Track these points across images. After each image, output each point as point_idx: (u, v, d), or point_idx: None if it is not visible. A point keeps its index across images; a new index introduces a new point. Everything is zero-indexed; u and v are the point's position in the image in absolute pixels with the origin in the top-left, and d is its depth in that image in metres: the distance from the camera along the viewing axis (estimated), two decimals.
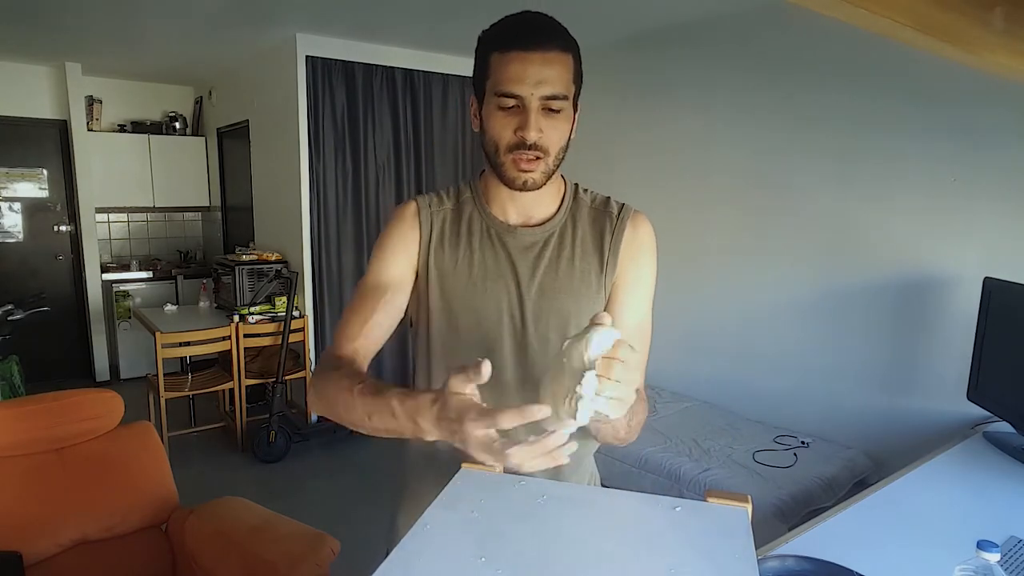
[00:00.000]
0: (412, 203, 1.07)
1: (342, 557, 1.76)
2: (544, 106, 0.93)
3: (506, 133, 0.95)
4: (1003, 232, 2.45)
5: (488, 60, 0.96)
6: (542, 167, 0.97)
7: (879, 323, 2.82)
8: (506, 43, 0.93)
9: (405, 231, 1.05)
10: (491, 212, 1.06)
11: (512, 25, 0.95)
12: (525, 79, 0.91)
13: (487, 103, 0.96)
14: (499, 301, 1.02)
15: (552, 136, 0.95)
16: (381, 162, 4.18)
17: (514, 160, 0.95)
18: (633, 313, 1.05)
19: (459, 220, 1.06)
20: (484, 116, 0.98)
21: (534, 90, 0.92)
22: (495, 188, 1.04)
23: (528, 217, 1.06)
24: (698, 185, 3.52)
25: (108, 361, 5.13)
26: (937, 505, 1.55)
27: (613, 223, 1.06)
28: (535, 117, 0.93)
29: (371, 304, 1.02)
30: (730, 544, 0.70)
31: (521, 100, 0.92)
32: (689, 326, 3.55)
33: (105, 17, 3.54)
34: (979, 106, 2.47)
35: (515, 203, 1.05)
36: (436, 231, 1.05)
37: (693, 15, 3.34)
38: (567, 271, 1.03)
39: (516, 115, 0.94)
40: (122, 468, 1.95)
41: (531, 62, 0.91)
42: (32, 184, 4.94)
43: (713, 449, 2.83)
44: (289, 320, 3.82)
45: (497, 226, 1.05)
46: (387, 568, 0.65)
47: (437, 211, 1.06)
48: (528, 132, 0.93)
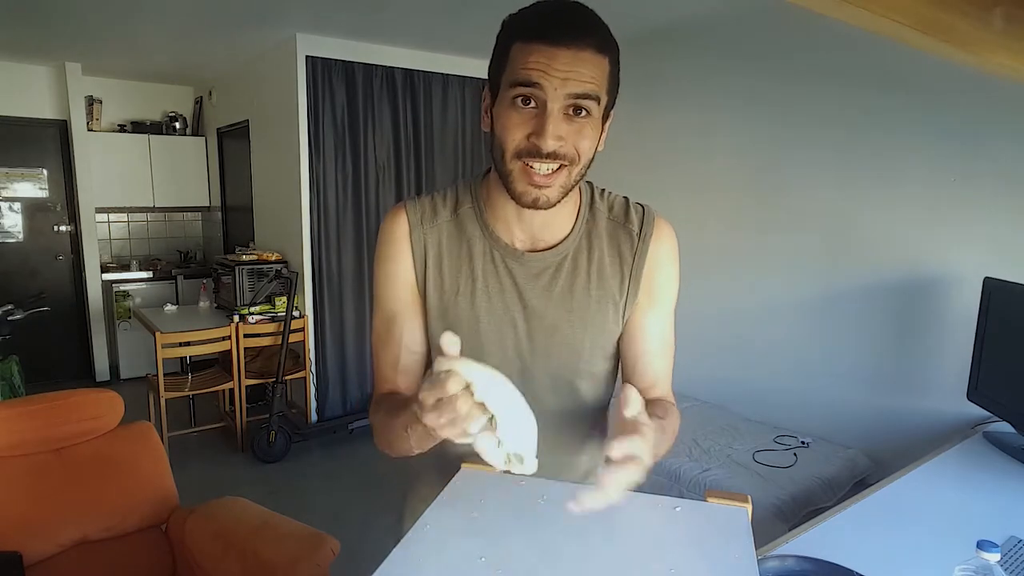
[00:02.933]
0: (401, 216, 0.92)
1: (342, 557, 1.76)
2: (569, 107, 0.77)
3: (516, 134, 0.78)
4: (1003, 232, 2.45)
5: (508, 49, 0.79)
6: (560, 182, 0.80)
7: (879, 323, 2.82)
8: (532, 32, 0.77)
9: (396, 254, 0.93)
10: (495, 232, 0.92)
11: (543, 12, 0.78)
12: (549, 71, 0.75)
13: (501, 98, 0.80)
14: (504, 336, 0.92)
15: (579, 145, 0.79)
16: (381, 162, 4.18)
17: (523, 169, 0.79)
18: (659, 327, 0.97)
19: (458, 240, 0.92)
20: (495, 113, 0.82)
21: (559, 85, 0.75)
22: (500, 201, 0.89)
23: (537, 240, 0.92)
24: (698, 185, 3.52)
25: (108, 361, 5.13)
26: (937, 505, 1.55)
27: (634, 242, 0.93)
28: (555, 120, 0.76)
29: (394, 342, 0.93)
30: (730, 544, 0.70)
31: (541, 97, 0.76)
32: (689, 326, 3.53)
33: (105, 17, 3.54)
34: (979, 106, 2.47)
35: (523, 223, 0.90)
36: (433, 252, 0.92)
37: (693, 15, 3.34)
38: (582, 300, 0.92)
39: (533, 117, 0.78)
40: (122, 468, 1.95)
41: (559, 56, 0.75)
42: (32, 184, 4.94)
43: (713, 449, 2.83)
44: (289, 320, 3.82)
45: (502, 250, 0.91)
46: (387, 568, 0.65)
47: (431, 228, 0.92)
48: (544, 139, 0.76)
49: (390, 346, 0.94)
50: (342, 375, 4.19)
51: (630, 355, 0.98)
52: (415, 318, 0.94)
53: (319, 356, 4.13)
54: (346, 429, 4.06)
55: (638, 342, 0.97)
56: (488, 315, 0.91)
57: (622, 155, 3.87)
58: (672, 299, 0.98)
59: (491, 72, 0.84)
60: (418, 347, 0.95)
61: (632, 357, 0.98)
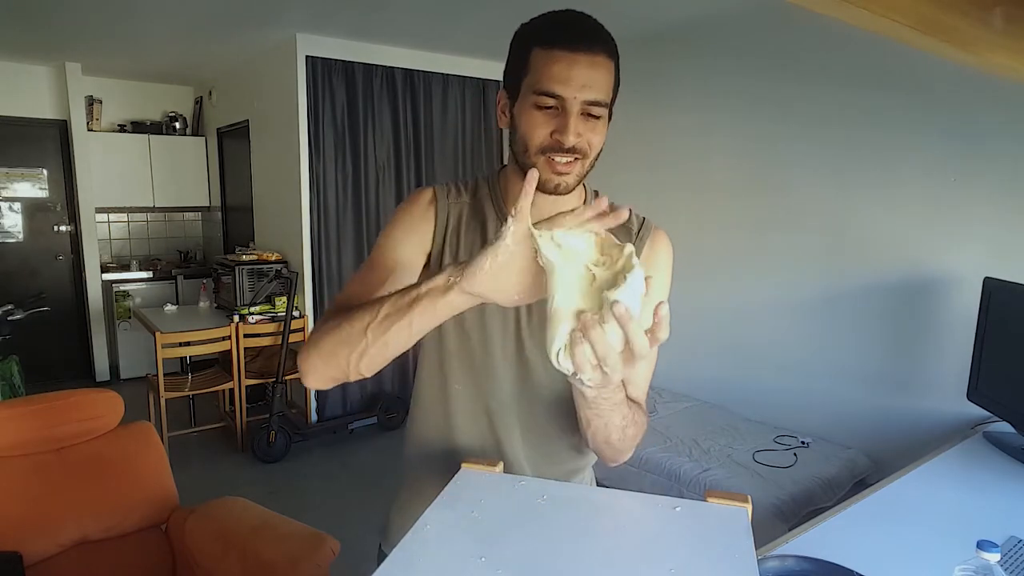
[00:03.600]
0: (429, 190, 1.04)
1: (342, 557, 1.76)
2: (584, 111, 0.89)
3: (541, 133, 0.90)
4: (1003, 232, 2.45)
5: (528, 55, 0.90)
6: (577, 170, 0.93)
7: (879, 323, 2.82)
8: (552, 40, 0.88)
9: (419, 215, 1.02)
10: (508, 217, 1.02)
11: (559, 22, 0.90)
12: (570, 81, 0.87)
13: (522, 100, 0.91)
14: (507, 312, 0.98)
15: (592, 140, 0.91)
16: (381, 162, 4.18)
17: (547, 161, 0.91)
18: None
19: (475, 219, 1.03)
20: (517, 113, 0.93)
21: (577, 93, 0.87)
22: (517, 190, 0.97)
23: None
24: (698, 185, 3.52)
25: (108, 361, 5.14)
26: (937, 505, 1.55)
27: (632, 240, 1.03)
28: (575, 121, 0.88)
29: (377, 276, 0.96)
30: (730, 544, 0.70)
31: (562, 102, 0.88)
32: (689, 326, 3.55)
33: (105, 17, 3.54)
34: (979, 106, 2.47)
35: (535, 209, 0.97)
36: (453, 222, 1.02)
37: (693, 15, 3.34)
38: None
39: (554, 117, 0.89)
40: (122, 468, 1.95)
41: (578, 63, 0.87)
42: (32, 184, 4.94)
43: (713, 449, 2.83)
44: (289, 320, 3.82)
45: None
46: (387, 568, 0.65)
47: (455, 203, 1.03)
48: (567, 136, 0.88)
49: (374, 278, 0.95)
50: None
51: None
52: (408, 275, 0.96)
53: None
54: (346, 429, 4.06)
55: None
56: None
57: (623, 155, 3.87)
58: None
59: (508, 74, 0.95)
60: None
61: None
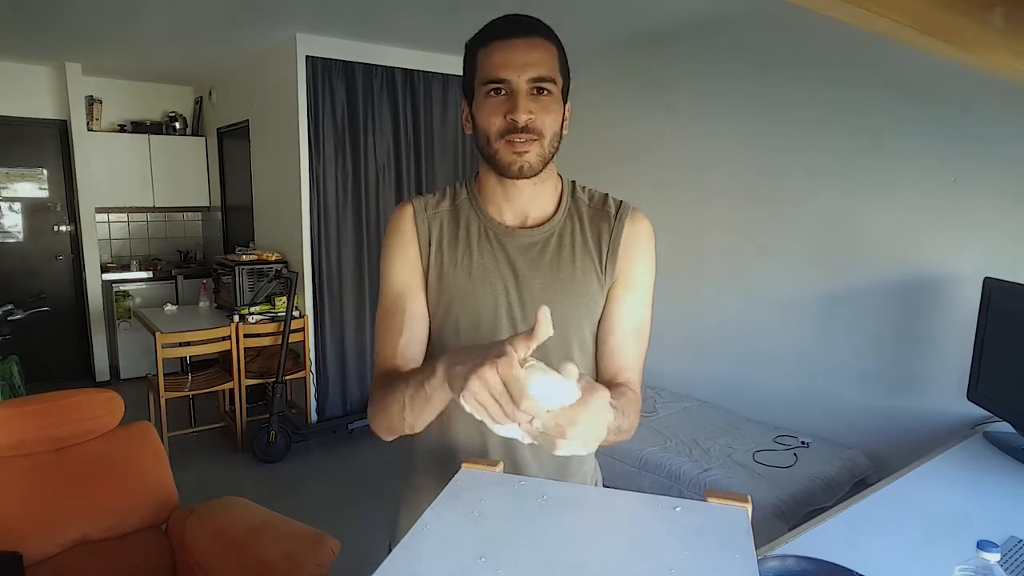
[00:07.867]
0: (408, 208, 1.06)
1: (342, 557, 1.76)
2: (532, 88, 0.94)
3: (496, 119, 0.95)
4: (1003, 232, 2.45)
5: (475, 59, 0.98)
6: (536, 150, 0.96)
7: (879, 323, 2.82)
8: (490, 37, 0.96)
9: (405, 238, 1.04)
10: (488, 213, 1.05)
11: (496, 22, 0.98)
12: (511, 64, 0.93)
13: (477, 98, 0.98)
14: (498, 302, 1.01)
15: (544, 119, 0.95)
16: (381, 162, 4.18)
17: (507, 144, 0.95)
18: (632, 312, 1.04)
19: (457, 222, 1.05)
20: (475, 111, 0.98)
21: (520, 72, 0.93)
22: (491, 187, 1.04)
23: (525, 217, 1.05)
24: (698, 185, 3.52)
25: (108, 361, 5.13)
26: (937, 505, 1.55)
27: (611, 222, 1.05)
28: (524, 99, 0.93)
29: (397, 322, 1.01)
30: (730, 544, 0.70)
31: (509, 84, 0.93)
32: (689, 326, 3.55)
33: (105, 17, 3.54)
34: (979, 106, 2.47)
35: (511, 203, 1.04)
36: (435, 234, 1.04)
37: (693, 15, 3.34)
38: (568, 270, 1.02)
39: (505, 101, 0.94)
40: (122, 468, 1.95)
41: (515, 47, 0.94)
42: (32, 184, 4.94)
43: (713, 449, 2.83)
44: (289, 320, 3.82)
45: (495, 228, 1.04)
46: (387, 568, 0.65)
47: (434, 214, 1.05)
48: (518, 114, 0.93)
49: (395, 317, 1.02)
50: (342, 375, 4.19)
51: (602, 337, 1.05)
52: (419, 292, 1.04)
53: (319, 356, 4.13)
54: (346, 429, 4.06)
55: (612, 324, 1.04)
56: (482, 283, 1.02)
57: (623, 155, 3.87)
58: (648, 286, 1.06)
59: (464, 85, 1.02)
60: (422, 328, 1.04)
61: (604, 339, 1.04)
